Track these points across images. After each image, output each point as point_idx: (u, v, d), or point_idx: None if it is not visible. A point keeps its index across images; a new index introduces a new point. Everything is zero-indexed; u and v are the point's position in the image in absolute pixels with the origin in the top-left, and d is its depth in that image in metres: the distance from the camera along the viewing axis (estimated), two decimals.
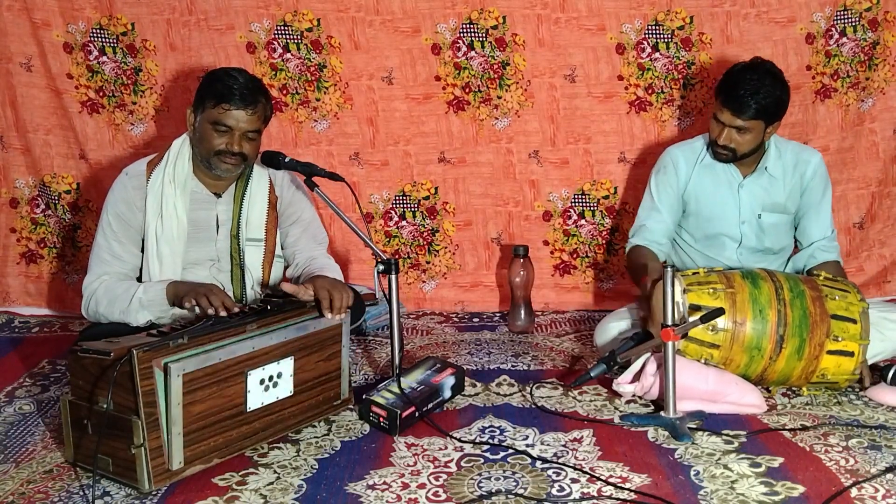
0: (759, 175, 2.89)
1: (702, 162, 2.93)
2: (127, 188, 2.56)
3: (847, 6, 3.31)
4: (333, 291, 2.35)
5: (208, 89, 2.50)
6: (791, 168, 2.90)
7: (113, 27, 3.41)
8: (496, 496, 1.98)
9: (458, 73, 3.45)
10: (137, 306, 2.41)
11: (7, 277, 3.67)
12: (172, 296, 2.40)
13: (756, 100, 2.69)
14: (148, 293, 2.42)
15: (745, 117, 2.72)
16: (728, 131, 2.77)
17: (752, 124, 2.74)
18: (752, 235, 2.92)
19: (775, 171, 2.89)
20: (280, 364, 2.24)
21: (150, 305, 2.41)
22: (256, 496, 2.01)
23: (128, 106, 3.48)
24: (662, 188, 2.97)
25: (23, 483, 2.10)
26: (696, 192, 2.94)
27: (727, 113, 2.74)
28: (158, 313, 2.43)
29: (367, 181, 3.55)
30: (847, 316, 2.46)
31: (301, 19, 3.41)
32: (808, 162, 2.92)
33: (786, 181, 2.90)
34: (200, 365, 2.04)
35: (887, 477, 2.04)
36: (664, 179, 2.97)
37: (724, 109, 2.75)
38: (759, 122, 2.74)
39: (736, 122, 2.74)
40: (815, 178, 2.92)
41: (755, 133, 2.77)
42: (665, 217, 2.96)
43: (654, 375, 2.45)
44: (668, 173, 2.97)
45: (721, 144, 2.79)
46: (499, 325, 3.40)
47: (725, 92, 2.74)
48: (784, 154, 2.91)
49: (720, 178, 2.92)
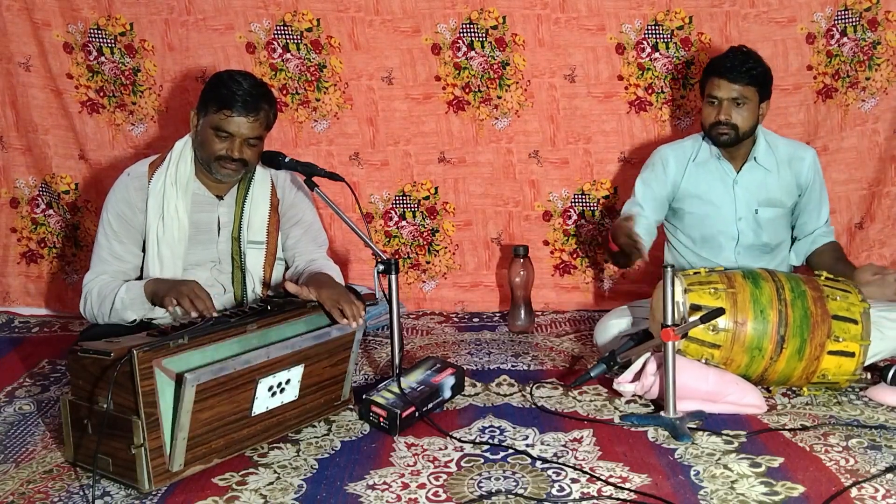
0: (753, 169, 2.90)
1: (694, 161, 2.94)
2: (128, 189, 2.55)
3: (847, 6, 3.31)
4: (344, 305, 2.35)
5: (212, 94, 2.49)
6: (785, 163, 2.91)
7: (111, 27, 3.41)
8: (496, 496, 1.98)
9: (458, 73, 3.45)
10: (121, 305, 2.42)
11: (7, 277, 3.67)
12: (151, 294, 2.39)
13: (747, 66, 2.77)
14: (129, 292, 2.43)
15: (741, 83, 2.76)
16: (727, 105, 2.78)
17: (748, 92, 2.78)
18: (750, 232, 2.92)
19: (766, 163, 2.90)
20: (290, 371, 2.24)
21: (131, 305, 2.42)
22: (256, 496, 2.01)
23: (127, 106, 3.48)
24: (648, 186, 2.98)
25: (23, 483, 2.10)
26: (690, 191, 2.94)
27: (723, 83, 2.77)
28: (142, 312, 2.43)
29: (367, 181, 3.55)
30: (848, 316, 2.46)
31: (301, 19, 3.41)
32: (803, 159, 2.93)
33: (780, 175, 2.91)
34: (215, 375, 2.03)
35: (887, 477, 2.04)
36: (651, 176, 2.98)
37: (719, 81, 2.78)
38: (753, 90, 2.79)
39: (732, 91, 2.77)
40: (814, 178, 2.94)
41: (752, 105, 2.80)
42: (647, 213, 2.96)
43: (655, 375, 2.46)
44: (655, 171, 2.98)
45: (722, 122, 2.80)
46: (499, 325, 3.40)
47: (716, 67, 2.80)
48: (776, 148, 2.92)
49: (713, 175, 2.92)
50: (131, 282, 2.48)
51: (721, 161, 2.91)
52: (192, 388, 1.99)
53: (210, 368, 2.03)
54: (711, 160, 2.92)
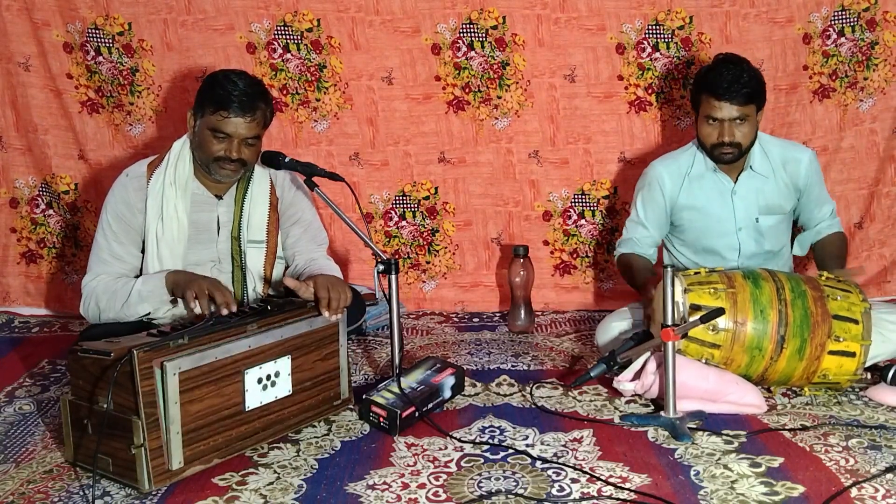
0: (750, 177, 2.89)
1: (689, 175, 2.93)
2: (127, 189, 2.56)
3: (845, 6, 3.31)
4: (333, 291, 2.35)
5: (207, 94, 2.49)
6: (780, 166, 2.90)
7: (109, 27, 3.41)
8: (496, 496, 1.98)
9: (458, 73, 3.45)
10: (137, 298, 2.42)
11: (7, 277, 3.67)
12: (172, 285, 2.40)
13: (744, 84, 2.73)
14: (147, 284, 2.43)
15: (740, 103, 2.74)
16: (728, 126, 2.77)
17: (748, 110, 2.76)
18: (751, 241, 2.91)
19: (763, 170, 2.89)
20: (277, 363, 2.24)
21: (149, 297, 2.42)
22: (256, 496, 2.00)
23: (125, 106, 3.48)
24: (648, 205, 2.99)
25: (23, 483, 2.10)
26: (688, 206, 2.93)
27: (725, 105, 2.74)
28: (158, 304, 2.43)
29: (367, 181, 3.55)
30: (849, 316, 2.46)
31: (301, 19, 3.41)
32: (799, 161, 2.91)
33: (776, 179, 2.90)
34: (196, 363, 2.04)
35: (887, 477, 2.04)
36: (649, 197, 2.98)
37: (720, 103, 2.74)
38: (752, 106, 2.78)
39: (734, 112, 2.74)
40: (811, 178, 2.93)
41: (752, 121, 2.79)
42: (651, 232, 3.01)
43: (655, 374, 2.46)
44: (653, 191, 2.97)
45: (727, 143, 2.78)
46: (499, 325, 3.40)
47: (713, 88, 2.75)
48: (770, 152, 2.91)
49: (711, 188, 2.91)
50: (148, 274, 2.48)
51: (718, 173, 2.90)
52: (175, 377, 1.99)
53: (191, 357, 2.03)
54: (707, 173, 2.91)
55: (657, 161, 3.01)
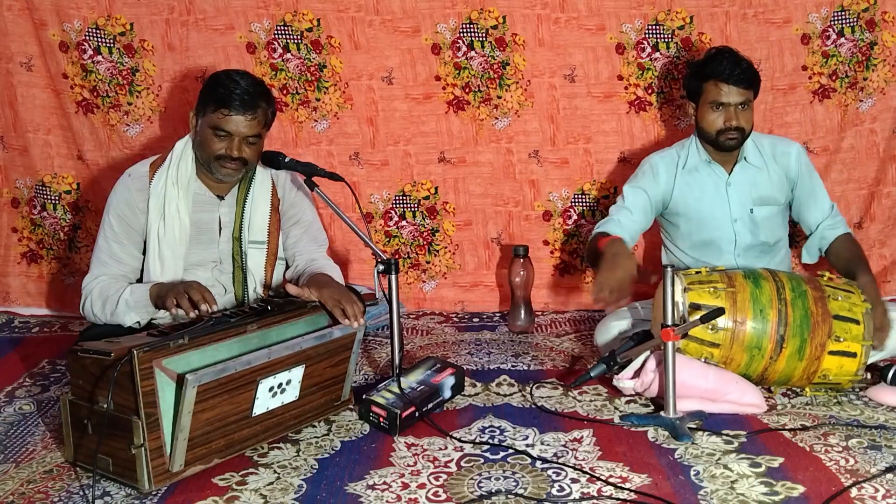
0: (744, 169, 2.90)
1: (683, 168, 2.94)
2: (130, 189, 2.56)
3: (844, 7, 3.31)
4: (343, 301, 2.36)
5: (209, 93, 2.50)
6: (771, 158, 2.92)
7: (110, 27, 3.41)
8: (496, 496, 1.98)
9: (458, 73, 3.45)
10: (124, 307, 2.42)
11: (7, 277, 3.67)
12: (155, 297, 2.41)
13: (744, 69, 2.79)
14: (134, 294, 2.44)
15: (745, 87, 2.78)
16: (734, 111, 2.79)
17: (749, 95, 2.82)
18: (747, 232, 2.91)
19: (756, 161, 2.90)
20: (291, 372, 2.24)
21: (136, 307, 2.42)
22: (256, 496, 2.01)
23: (122, 107, 3.47)
24: (637, 191, 2.95)
25: (23, 483, 2.10)
26: (683, 198, 2.93)
27: (732, 89, 2.77)
28: (145, 314, 2.44)
29: (367, 181, 3.55)
30: (850, 317, 2.46)
31: (301, 19, 3.41)
32: (788, 154, 2.92)
33: (769, 171, 2.91)
34: (216, 376, 2.03)
35: (887, 477, 2.04)
36: (641, 183, 2.96)
37: (728, 87, 2.77)
38: (752, 92, 2.83)
39: (740, 96, 2.78)
40: (801, 170, 2.93)
41: (751, 107, 2.84)
42: (635, 217, 2.91)
43: (655, 372, 2.46)
44: (645, 177, 2.96)
45: (733, 128, 2.80)
46: (499, 325, 3.40)
47: (719, 73, 2.77)
48: (761, 145, 2.93)
49: (705, 180, 2.91)
50: (136, 284, 2.49)
51: (712, 165, 2.91)
52: (194, 390, 1.99)
53: (212, 369, 2.02)
54: (701, 165, 2.92)
55: (653, 153, 3.03)
